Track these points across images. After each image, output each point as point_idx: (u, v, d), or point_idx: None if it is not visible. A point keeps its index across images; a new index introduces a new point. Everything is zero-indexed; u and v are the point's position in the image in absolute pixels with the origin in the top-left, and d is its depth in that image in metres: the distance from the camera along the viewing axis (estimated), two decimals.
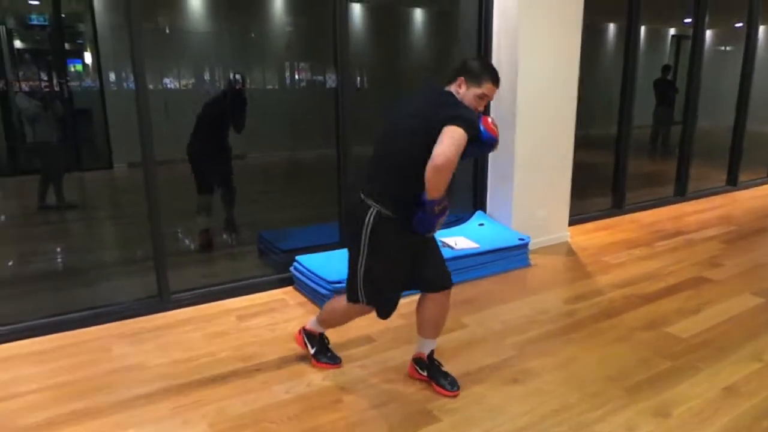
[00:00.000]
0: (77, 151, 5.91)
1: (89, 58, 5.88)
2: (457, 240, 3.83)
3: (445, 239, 3.81)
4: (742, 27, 6.51)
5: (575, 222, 4.81)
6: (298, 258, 3.48)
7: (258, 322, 3.05)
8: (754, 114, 6.53)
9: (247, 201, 4.47)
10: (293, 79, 8.08)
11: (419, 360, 2.45)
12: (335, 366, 2.56)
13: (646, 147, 8.47)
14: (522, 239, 3.94)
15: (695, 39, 5.87)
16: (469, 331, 2.95)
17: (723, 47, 9.93)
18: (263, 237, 4.20)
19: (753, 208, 5.80)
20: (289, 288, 3.51)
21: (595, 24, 4.21)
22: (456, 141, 1.95)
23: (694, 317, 3.14)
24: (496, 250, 3.79)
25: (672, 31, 11.12)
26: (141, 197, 3.10)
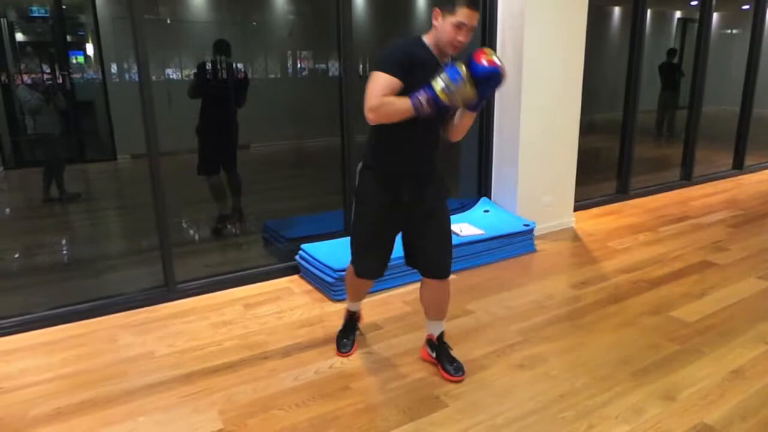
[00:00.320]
0: (80, 143, 5.92)
1: (91, 49, 5.87)
2: (462, 227, 3.82)
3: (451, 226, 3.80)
4: (749, 9, 6.43)
5: (580, 207, 4.80)
6: (303, 246, 3.49)
7: (264, 310, 3.06)
8: (759, 97, 6.47)
9: (252, 190, 4.47)
10: (295, 68, 8.04)
11: (430, 341, 2.48)
12: (339, 354, 2.58)
13: (651, 131, 8.41)
14: (527, 225, 3.93)
15: (702, 22, 5.80)
16: (475, 318, 2.96)
17: (729, 30, 9.82)
18: (268, 226, 4.21)
19: (759, 191, 5.76)
20: (295, 276, 3.52)
21: (601, 7, 4.15)
22: (371, 84, 1.99)
23: (699, 301, 3.13)
24: (501, 236, 3.79)
25: (678, 14, 10.99)
26: (145, 188, 3.11)
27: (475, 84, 1.92)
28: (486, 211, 4.20)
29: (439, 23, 2.04)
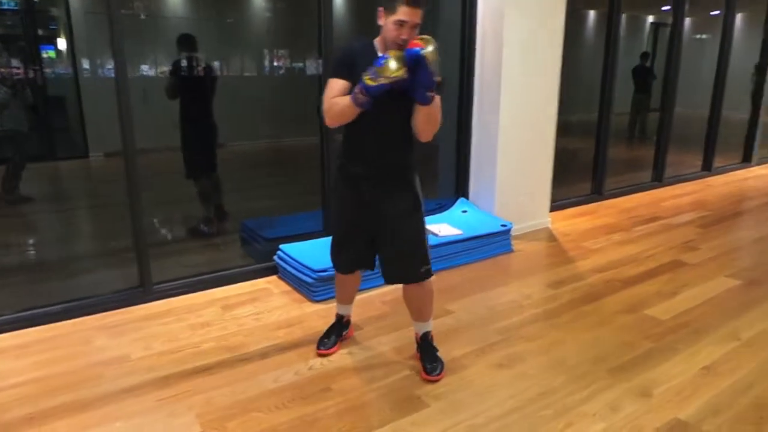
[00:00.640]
0: (51, 140, 5.77)
1: (63, 44, 5.73)
2: (441, 227, 3.84)
3: (429, 226, 3.81)
4: (719, 15, 6.61)
5: (556, 208, 4.86)
6: (282, 247, 3.46)
7: (243, 311, 3.03)
8: (727, 101, 6.65)
9: (227, 189, 4.42)
10: (272, 66, 7.98)
11: (417, 341, 2.51)
12: (319, 352, 2.57)
13: (624, 134, 8.58)
14: (504, 225, 3.97)
15: (675, 26, 5.94)
16: (455, 318, 2.98)
17: (699, 35, 10.08)
18: (246, 226, 4.17)
19: (727, 193, 5.93)
20: (273, 277, 3.49)
21: (575, 11, 4.24)
22: (326, 91, 2.12)
23: (672, 300, 3.21)
24: (479, 236, 3.82)
25: (650, 19, 11.23)
26: (118, 187, 3.04)
27: (409, 69, 1.97)
28: (464, 212, 4.23)
29: (383, 22, 2.07)
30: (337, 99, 2.07)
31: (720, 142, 6.73)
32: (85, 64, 5.83)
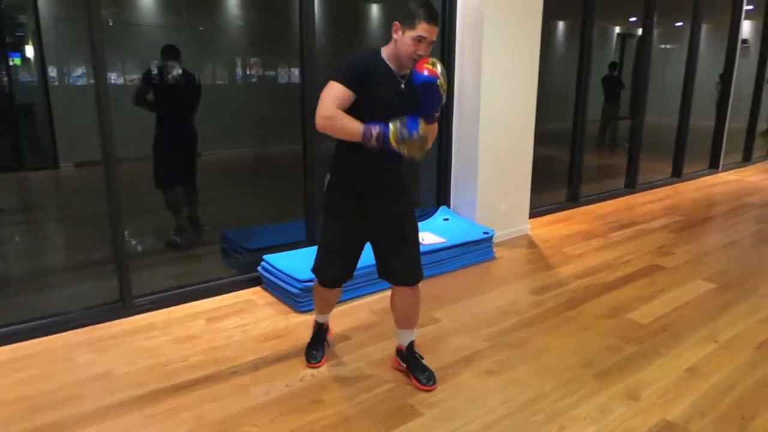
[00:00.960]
0: (18, 150, 5.59)
1: (30, 51, 5.56)
2: (424, 235, 3.85)
3: (418, 235, 3.83)
4: (681, 26, 6.84)
5: (534, 215, 4.94)
6: (265, 257, 3.42)
7: (228, 323, 2.98)
8: (693, 109, 6.87)
9: (204, 199, 4.35)
10: (245, 74, 7.90)
11: (400, 352, 2.49)
12: (309, 365, 2.54)
13: (594, 140, 8.78)
14: (486, 233, 4.01)
15: (644, 37, 6.12)
16: (441, 325, 2.99)
17: (663, 45, 10.41)
18: (227, 236, 4.11)
19: (697, 198, 6.12)
20: (257, 288, 3.45)
21: (546, 22, 4.34)
22: (326, 93, 2.03)
23: (651, 303, 3.29)
24: (462, 244, 3.85)
25: (617, 29, 11.54)
26: (91, 198, 2.96)
27: (417, 92, 2.01)
28: (446, 220, 4.26)
29: (399, 36, 2.07)
30: (345, 117, 2.01)
31: (688, 150, 6.94)
32: (52, 72, 5.68)
